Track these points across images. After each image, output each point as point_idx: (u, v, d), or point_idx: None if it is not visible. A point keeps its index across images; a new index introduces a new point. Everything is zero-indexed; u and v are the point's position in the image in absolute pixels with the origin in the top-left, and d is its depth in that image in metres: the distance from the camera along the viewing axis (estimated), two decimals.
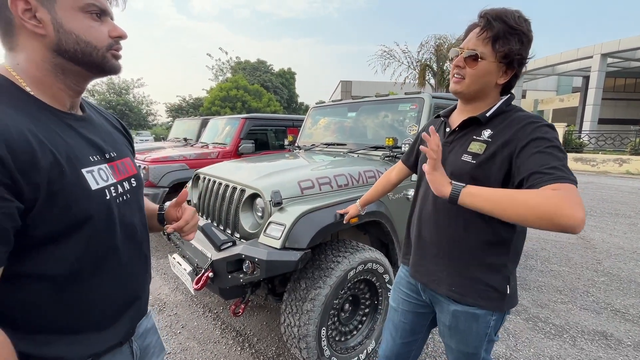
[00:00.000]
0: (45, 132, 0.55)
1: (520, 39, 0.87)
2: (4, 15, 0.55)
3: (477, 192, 0.81)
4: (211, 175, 2.22)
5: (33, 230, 0.53)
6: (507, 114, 0.93)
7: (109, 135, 0.73)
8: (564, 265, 3.43)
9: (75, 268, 0.59)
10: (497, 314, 0.99)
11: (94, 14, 0.60)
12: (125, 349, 0.74)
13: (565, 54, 17.71)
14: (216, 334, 2.24)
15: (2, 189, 0.48)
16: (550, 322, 2.37)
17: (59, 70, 0.60)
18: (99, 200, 0.62)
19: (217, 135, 5.09)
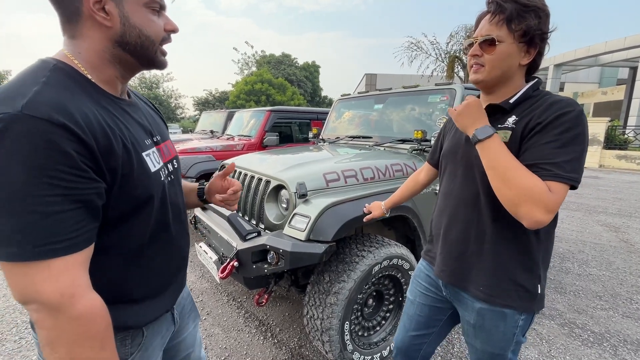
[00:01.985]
0: (111, 118, 0.59)
1: (536, 13, 0.81)
2: (72, 4, 0.57)
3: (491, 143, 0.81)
4: (237, 167, 2.24)
5: (110, 210, 0.58)
6: (534, 99, 0.87)
7: (152, 119, 0.77)
8: (605, 269, 3.20)
9: (139, 243, 0.66)
10: (526, 314, 0.94)
11: (154, 9, 0.64)
12: (169, 316, 0.81)
13: (611, 43, 16.37)
14: (240, 322, 2.28)
15: (92, 173, 0.52)
16: (588, 329, 2.22)
17: (116, 60, 0.63)
18: (157, 181, 0.67)
19: (243, 127, 5.16)
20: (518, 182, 0.76)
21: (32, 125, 0.46)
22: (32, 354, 1.92)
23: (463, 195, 0.97)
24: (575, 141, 0.77)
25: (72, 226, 0.51)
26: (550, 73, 19.45)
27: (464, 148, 0.99)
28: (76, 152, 0.50)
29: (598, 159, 12.07)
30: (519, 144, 0.84)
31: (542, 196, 0.74)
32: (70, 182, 0.49)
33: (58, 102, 0.50)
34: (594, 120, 12.71)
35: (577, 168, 0.77)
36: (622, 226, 4.61)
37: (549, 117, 0.79)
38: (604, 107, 23.49)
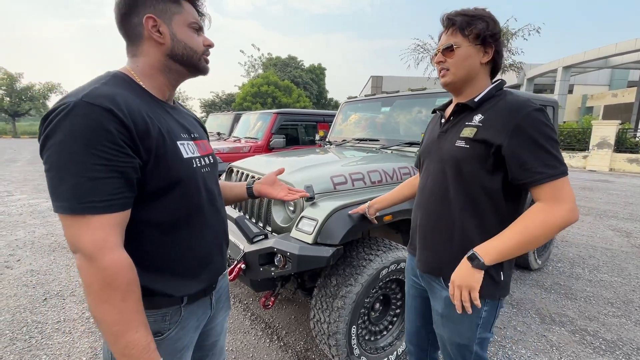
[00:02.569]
0: (152, 112, 0.73)
1: (483, 20, 0.94)
2: (136, 30, 0.75)
3: (494, 249, 0.89)
4: (244, 169, 2.25)
5: (146, 185, 0.69)
6: (497, 98, 0.97)
7: (192, 123, 0.91)
8: (616, 275, 3.14)
9: (174, 218, 0.76)
10: (489, 305, 1.00)
11: (195, 29, 0.81)
12: (207, 300, 0.90)
13: (622, 44, 16.11)
14: (246, 324, 2.28)
15: (129, 150, 0.65)
16: (600, 337, 2.18)
17: (167, 70, 0.79)
18: (188, 166, 0.78)
19: (249, 129, 5.19)
20: (541, 231, 0.86)
21: (87, 109, 0.61)
22: (42, 352, 1.95)
23: (434, 189, 1.06)
24: (548, 136, 0.87)
25: (111, 191, 0.62)
26: (558, 75, 19.21)
27: (436, 145, 1.08)
28: (117, 131, 0.63)
29: (608, 162, 11.87)
30: (485, 142, 0.92)
31: (557, 215, 0.85)
32: (111, 154, 0.62)
33: (108, 94, 0.65)
34: (603, 123, 12.51)
35: (560, 159, 0.87)
36: (634, 231, 4.52)
37: (515, 125, 0.87)
38: (615, 109, 23.10)
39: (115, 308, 0.62)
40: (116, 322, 0.62)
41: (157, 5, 0.75)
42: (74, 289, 2.73)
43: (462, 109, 1.02)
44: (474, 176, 0.94)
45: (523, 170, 0.87)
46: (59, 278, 2.91)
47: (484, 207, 0.95)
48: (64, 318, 2.31)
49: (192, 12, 0.80)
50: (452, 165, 0.98)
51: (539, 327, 2.27)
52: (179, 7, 0.78)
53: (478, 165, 0.93)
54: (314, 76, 28.42)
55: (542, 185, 0.86)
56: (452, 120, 1.05)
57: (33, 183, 7.52)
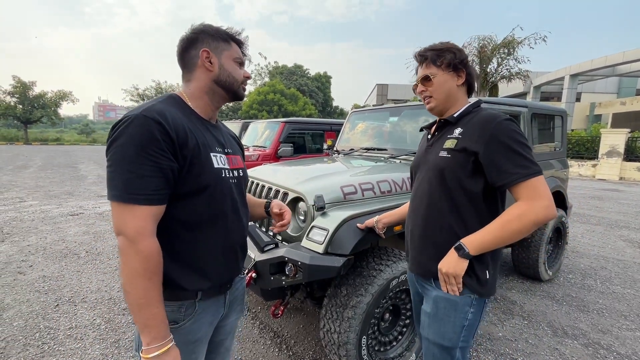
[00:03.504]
0: (193, 127, 0.88)
1: (451, 51, 1.10)
2: (192, 60, 0.92)
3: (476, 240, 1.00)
4: (254, 178, 2.28)
5: (179, 186, 0.82)
6: (473, 114, 1.10)
7: (228, 139, 1.05)
8: (629, 287, 3.08)
9: (199, 218, 0.87)
10: (475, 306, 1.06)
11: (238, 63, 0.98)
12: (221, 299, 0.98)
13: (629, 52, 16.04)
14: (254, 333, 2.29)
15: (170, 155, 0.79)
16: (614, 350, 2.13)
17: (212, 93, 0.96)
18: (217, 175, 0.91)
19: (257, 138, 5.25)
20: (517, 226, 0.95)
21: (144, 121, 0.76)
22: (54, 359, 1.97)
23: (423, 197, 1.15)
24: (518, 142, 0.98)
25: (154, 187, 0.76)
26: (566, 83, 19.12)
27: (424, 158, 1.20)
28: (163, 140, 0.77)
29: (618, 171, 11.70)
30: (465, 152, 1.03)
31: (532, 211, 0.94)
32: (157, 157, 0.76)
33: (161, 110, 0.80)
34: (613, 131, 12.38)
35: (533, 161, 0.97)
36: None
37: (488, 135, 0.99)
38: (624, 117, 22.84)
39: (143, 284, 0.75)
40: (142, 296, 0.75)
41: (211, 43, 0.93)
42: (85, 295, 2.76)
43: (445, 124, 1.16)
44: (455, 181, 1.05)
45: (500, 172, 0.98)
46: (70, 284, 2.95)
47: (466, 209, 1.06)
48: (75, 324, 2.34)
49: (237, 50, 0.98)
50: (436, 174, 1.09)
51: (551, 340, 2.23)
52: (228, 45, 0.96)
53: (459, 171, 1.05)
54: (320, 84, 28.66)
55: (518, 185, 0.96)
56: (436, 135, 1.19)
57: (44, 189, 7.66)
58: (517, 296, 2.86)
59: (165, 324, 0.79)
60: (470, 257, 1.01)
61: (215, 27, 0.95)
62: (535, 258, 2.98)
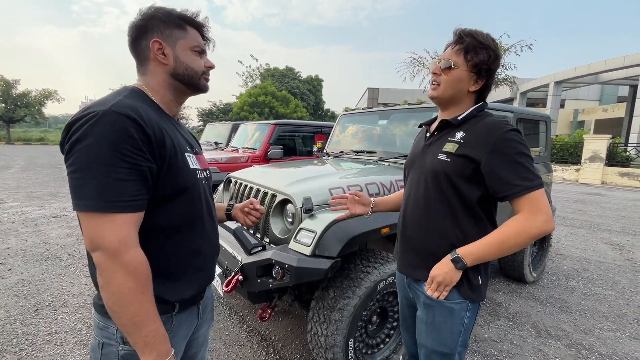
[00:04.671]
0: (165, 125, 0.80)
1: (488, 53, 1.00)
2: (144, 52, 0.83)
3: (474, 252, 0.97)
4: (243, 180, 2.26)
5: (157, 190, 0.75)
6: (478, 119, 1.05)
7: (192, 138, 0.99)
8: (610, 288, 3.17)
9: (178, 223, 0.81)
10: (470, 311, 1.05)
11: (197, 52, 0.88)
12: (195, 310, 0.93)
13: (611, 61, 16.60)
14: (241, 336, 2.26)
15: (149, 155, 0.71)
16: (595, 351, 2.18)
17: (172, 88, 0.87)
18: (194, 176, 0.85)
19: (247, 140, 5.21)
20: (516, 240, 0.94)
21: (115, 117, 0.67)
22: None
23: (417, 198, 1.11)
24: (522, 153, 0.95)
25: (133, 192, 0.68)
26: (550, 90, 19.65)
27: (420, 157, 1.15)
28: (139, 139, 0.69)
29: (600, 175, 12.05)
30: (465, 157, 0.99)
31: (532, 225, 0.92)
32: (135, 158, 0.68)
33: (133, 105, 0.72)
34: (595, 137, 12.75)
35: (535, 173, 0.94)
36: (626, 244, 4.57)
37: (493, 143, 0.95)
38: (605, 124, 23.60)
39: (136, 300, 0.68)
40: (137, 314, 0.68)
41: (164, 31, 0.83)
42: (66, 299, 2.68)
43: (446, 125, 1.09)
44: (452, 186, 1.02)
45: (502, 184, 0.95)
46: (51, 288, 2.86)
47: (462, 214, 1.03)
48: (55, 330, 2.26)
49: (196, 37, 0.88)
50: (433, 177, 1.06)
51: (535, 341, 2.27)
52: (183, 33, 0.85)
53: (457, 176, 1.01)
54: (311, 87, 28.71)
55: (520, 198, 0.93)
56: (435, 134, 1.13)
57: (26, 190, 7.43)
58: (502, 298, 2.90)
59: (166, 337, 0.74)
60: (465, 268, 0.99)
61: (167, 10, 0.84)
62: (520, 260, 3.03)
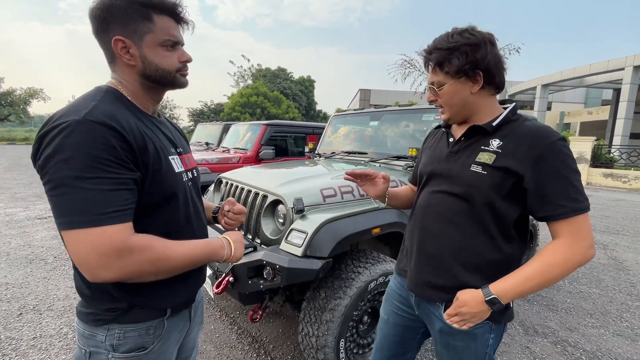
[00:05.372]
0: (146, 128, 0.75)
1: (460, 51, 0.87)
2: (109, 49, 0.75)
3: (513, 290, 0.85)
4: (234, 180, 2.25)
5: (144, 199, 0.71)
6: (515, 123, 0.92)
7: (177, 135, 0.93)
8: (594, 286, 3.25)
9: (166, 230, 0.77)
10: (495, 331, 0.95)
11: (169, 46, 0.78)
12: (186, 313, 0.91)
13: (595, 65, 17.06)
14: (232, 338, 2.24)
15: (131, 164, 0.67)
16: (580, 347, 2.24)
17: (145, 87, 0.80)
18: (180, 180, 0.82)
19: (239, 140, 5.18)
20: (561, 271, 0.83)
21: (91, 126, 0.63)
22: None
23: (441, 211, 0.98)
24: (572, 169, 0.83)
25: (121, 201, 0.65)
26: (537, 92, 20.08)
27: (445, 166, 1.00)
28: (120, 148, 0.65)
29: (585, 176, 12.35)
30: (505, 171, 0.87)
31: (578, 253, 0.82)
32: (116, 168, 0.64)
33: (109, 112, 0.67)
34: (580, 139, 13.07)
35: (584, 194, 0.84)
36: (610, 244, 4.70)
37: (541, 154, 0.83)
38: (590, 126, 24.21)
39: (172, 262, 0.70)
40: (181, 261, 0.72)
41: (127, 24, 0.72)
42: (52, 303, 2.62)
43: (476, 131, 0.95)
44: (487, 202, 0.90)
45: (545, 202, 0.83)
46: (35, 291, 2.79)
47: (496, 235, 0.91)
48: (40, 334, 2.21)
49: (166, 27, 0.76)
50: (464, 190, 0.93)
51: (522, 339, 2.32)
52: (150, 26, 0.74)
53: (493, 192, 0.88)
54: (304, 88, 28.71)
55: (564, 220, 0.82)
56: (462, 141, 0.98)
57: (10, 191, 7.24)
58: None
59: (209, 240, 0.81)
60: (502, 307, 0.86)
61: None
62: None
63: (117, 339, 0.75)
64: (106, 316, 0.74)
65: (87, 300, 0.76)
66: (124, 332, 0.75)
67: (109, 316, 0.74)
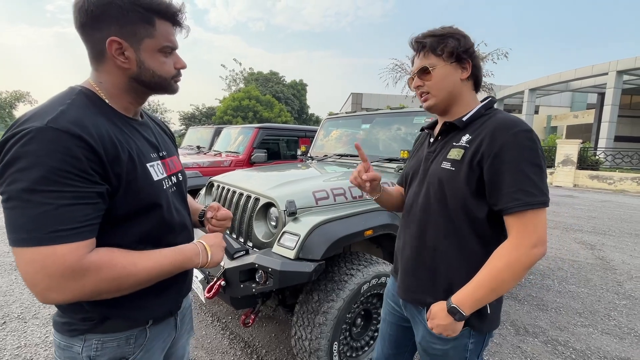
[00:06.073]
0: (120, 134, 0.70)
1: (453, 37, 0.91)
2: (99, 46, 0.68)
3: (469, 298, 0.84)
4: (225, 183, 2.23)
5: (115, 210, 0.67)
6: (486, 117, 0.92)
7: (160, 137, 0.88)
8: (583, 286, 3.31)
9: (144, 242, 0.73)
10: (475, 337, 0.93)
11: (167, 52, 0.75)
12: (172, 321, 0.87)
13: (580, 70, 17.53)
14: (224, 344, 2.21)
15: (97, 177, 0.62)
16: (570, 346, 2.27)
17: (132, 90, 0.75)
18: (159, 189, 0.77)
19: (230, 143, 5.16)
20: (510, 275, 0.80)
21: (53, 135, 0.57)
22: None
23: (419, 212, 0.99)
24: (533, 163, 0.80)
25: (78, 218, 0.59)
26: (525, 96, 20.51)
27: (423, 166, 1.02)
28: (86, 158, 0.60)
29: (572, 178, 12.63)
30: (469, 164, 0.86)
31: (523, 254, 0.80)
32: (77, 181, 0.59)
33: (77, 118, 0.61)
34: (567, 142, 13.38)
35: (542, 188, 0.80)
36: (597, 244, 4.79)
37: (501, 145, 0.81)
38: (576, 129, 24.82)
39: (136, 277, 0.65)
40: (151, 275, 0.67)
41: (125, 25, 0.67)
42: (37, 310, 2.55)
43: (450, 129, 0.97)
44: (457, 200, 0.89)
45: (498, 194, 0.81)
46: (20, 299, 2.71)
47: (467, 234, 0.89)
48: (25, 343, 2.14)
49: (165, 32, 0.73)
50: (436, 189, 0.92)
51: (513, 339, 2.34)
52: (151, 30, 0.70)
53: (463, 188, 0.87)
54: (296, 91, 28.78)
55: (515, 214, 0.80)
56: (439, 140, 1.00)
57: None
58: None
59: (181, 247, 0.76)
60: (467, 317, 0.85)
61: None
62: None
63: (94, 349, 0.71)
64: (82, 326, 0.71)
65: (62, 309, 0.72)
66: (101, 343, 0.71)
67: (85, 326, 0.70)
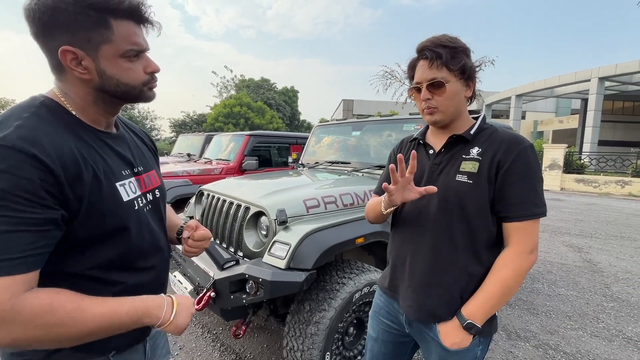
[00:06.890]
0: (87, 150, 0.63)
1: (465, 53, 0.92)
2: (56, 56, 0.61)
3: (480, 310, 0.88)
4: (215, 192, 2.21)
5: (75, 235, 0.60)
6: (488, 131, 0.96)
7: (137, 150, 0.80)
8: (572, 289, 3.35)
9: (108, 267, 0.67)
10: (483, 343, 0.97)
11: (132, 56, 0.66)
12: (140, 348, 0.79)
13: (564, 76, 18.06)
14: (215, 356, 2.16)
15: (50, 201, 0.55)
16: (561, 350, 2.29)
17: (100, 101, 0.68)
18: (129, 210, 0.69)
19: (221, 151, 5.12)
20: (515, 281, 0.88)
21: (4, 153, 0.52)
22: None
23: (432, 226, 0.96)
24: (535, 176, 0.88)
25: (21, 247, 0.53)
26: (512, 102, 20.99)
27: (428, 178, 0.98)
28: (40, 179, 0.54)
29: (559, 182, 12.91)
30: (487, 176, 0.89)
31: (524, 260, 0.87)
32: (24, 205, 0.52)
33: (33, 135, 0.55)
34: (554, 146, 13.71)
35: (543, 200, 0.88)
36: (584, 247, 4.88)
37: (511, 160, 0.87)
38: (562, 134, 25.46)
39: (80, 327, 0.57)
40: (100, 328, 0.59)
41: (77, 32, 0.59)
42: None
43: (457, 141, 0.96)
44: (479, 214, 0.90)
45: (510, 204, 0.87)
46: None
47: (484, 246, 0.92)
48: None
49: (126, 34, 0.64)
50: (455, 202, 0.91)
51: (505, 344, 2.35)
52: (108, 33, 0.62)
53: (483, 201, 0.89)
54: (287, 98, 28.88)
55: (519, 223, 0.86)
56: (444, 152, 0.98)
57: None
58: None
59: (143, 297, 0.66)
60: (481, 330, 0.89)
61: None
62: None
63: None
64: (34, 357, 0.63)
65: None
66: None
67: (37, 357, 0.63)
